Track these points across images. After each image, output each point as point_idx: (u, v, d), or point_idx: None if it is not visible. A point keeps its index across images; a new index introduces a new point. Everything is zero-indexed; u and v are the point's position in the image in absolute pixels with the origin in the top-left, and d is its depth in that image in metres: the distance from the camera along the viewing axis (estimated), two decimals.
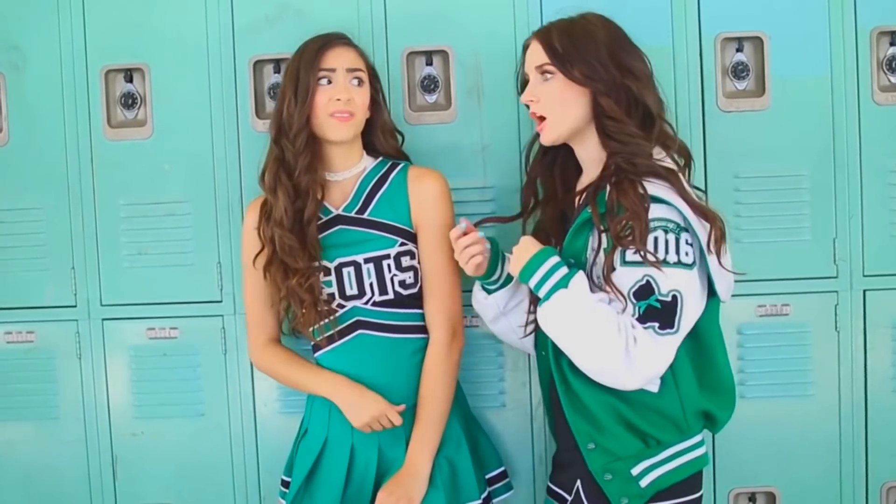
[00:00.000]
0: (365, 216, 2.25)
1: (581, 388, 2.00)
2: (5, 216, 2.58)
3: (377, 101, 2.29)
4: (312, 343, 2.30)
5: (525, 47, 2.14)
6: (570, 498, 2.08)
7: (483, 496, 2.30)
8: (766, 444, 2.48)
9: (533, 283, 1.98)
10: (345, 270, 2.23)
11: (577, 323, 1.92)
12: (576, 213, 2.08)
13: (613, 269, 1.93)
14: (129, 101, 2.54)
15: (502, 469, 2.41)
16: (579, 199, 2.11)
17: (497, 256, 2.16)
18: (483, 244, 2.12)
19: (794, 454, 2.49)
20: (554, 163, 2.20)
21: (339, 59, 2.21)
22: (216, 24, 2.50)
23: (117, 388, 2.58)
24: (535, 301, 2.08)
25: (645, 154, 1.99)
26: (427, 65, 2.49)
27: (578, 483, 2.06)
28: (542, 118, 2.08)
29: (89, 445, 2.59)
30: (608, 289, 1.93)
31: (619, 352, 1.89)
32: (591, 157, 2.09)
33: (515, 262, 2.03)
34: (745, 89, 2.46)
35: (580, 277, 1.95)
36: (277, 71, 2.51)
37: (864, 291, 2.46)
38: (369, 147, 2.33)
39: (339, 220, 2.26)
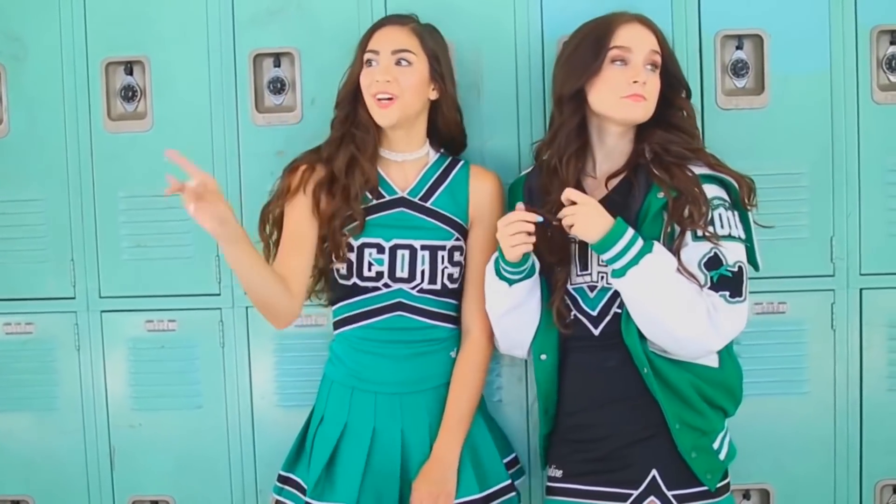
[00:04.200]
0: (428, 204, 2.28)
1: (668, 369, 2.08)
2: (5, 207, 2.58)
3: (438, 81, 2.26)
4: (335, 320, 2.31)
5: (610, 26, 2.11)
6: (636, 492, 2.10)
7: (509, 480, 2.33)
8: (761, 440, 2.48)
9: (615, 251, 2.01)
10: (399, 252, 2.25)
11: (667, 286, 2.01)
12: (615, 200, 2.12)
13: (684, 247, 2.04)
14: (129, 93, 2.54)
15: (514, 455, 2.43)
16: (608, 186, 2.16)
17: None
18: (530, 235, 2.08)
19: (788, 451, 2.50)
20: (566, 153, 2.20)
21: (383, 41, 2.21)
22: (217, 17, 2.50)
23: (115, 379, 2.59)
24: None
25: (689, 144, 2.14)
26: None
27: (654, 472, 2.10)
28: (642, 97, 2.10)
29: (87, 436, 2.60)
30: (679, 267, 2.03)
31: (703, 314, 2.02)
32: (621, 147, 2.17)
33: (587, 225, 2.02)
34: (745, 87, 2.47)
35: (659, 244, 2.04)
36: (278, 65, 2.51)
37: (861, 290, 2.47)
38: (434, 128, 2.32)
39: (402, 202, 2.28)
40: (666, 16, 2.40)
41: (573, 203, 2.04)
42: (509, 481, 2.33)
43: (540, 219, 2.05)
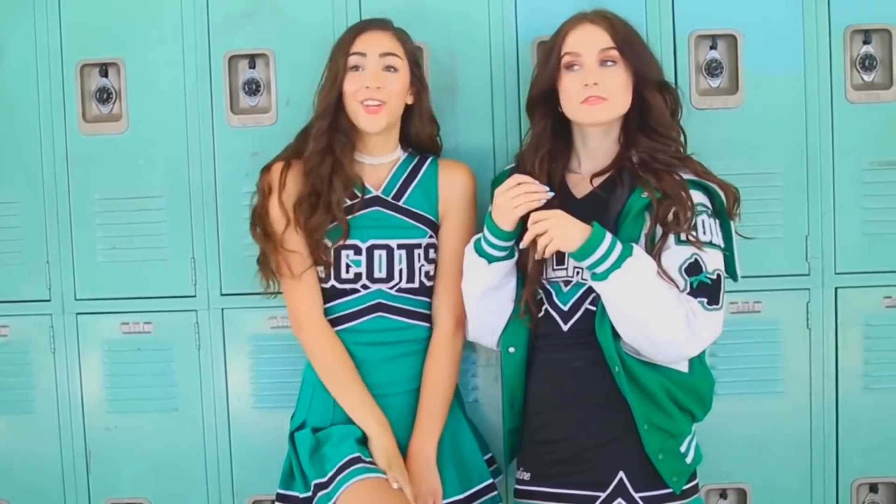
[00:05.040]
0: (400, 203, 2.28)
1: (639, 369, 2.07)
2: None
3: (418, 88, 2.27)
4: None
5: (562, 33, 2.13)
6: (603, 494, 2.10)
7: (491, 479, 2.33)
8: (737, 440, 2.49)
9: (596, 256, 2.01)
10: (376, 252, 2.25)
11: (648, 290, 2.01)
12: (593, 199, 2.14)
13: (665, 250, 2.04)
14: (104, 95, 2.54)
15: (491, 454, 2.42)
16: (592, 183, 2.16)
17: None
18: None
19: (765, 451, 2.50)
20: (538, 155, 2.21)
21: (371, 43, 2.21)
22: (191, 19, 2.50)
23: (91, 382, 2.58)
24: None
25: (671, 152, 2.13)
26: None
27: (621, 474, 2.10)
28: (599, 98, 2.10)
29: (63, 439, 2.59)
30: (659, 270, 2.03)
31: (682, 319, 2.02)
32: (605, 147, 2.17)
33: (565, 237, 2.02)
34: (719, 87, 2.47)
35: (638, 247, 2.04)
36: (252, 66, 2.51)
37: (836, 289, 2.47)
38: (405, 134, 2.32)
39: (376, 201, 2.27)
40: (640, 16, 2.41)
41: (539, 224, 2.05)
42: (491, 480, 2.33)
43: (546, 188, 2.09)
